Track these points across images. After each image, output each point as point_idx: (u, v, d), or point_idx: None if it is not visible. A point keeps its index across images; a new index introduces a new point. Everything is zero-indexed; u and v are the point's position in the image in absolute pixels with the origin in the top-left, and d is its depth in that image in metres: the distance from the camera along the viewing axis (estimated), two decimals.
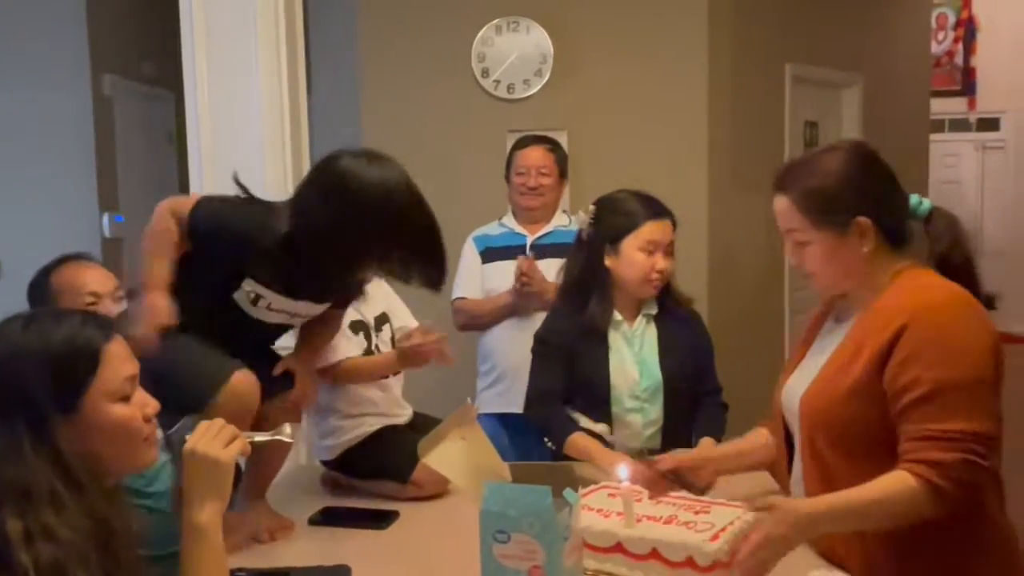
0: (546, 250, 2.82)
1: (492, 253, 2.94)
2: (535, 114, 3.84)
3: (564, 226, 2.93)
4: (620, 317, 2.21)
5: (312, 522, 1.84)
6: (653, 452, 2.04)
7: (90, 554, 1.11)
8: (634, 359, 2.19)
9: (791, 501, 1.52)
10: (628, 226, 2.15)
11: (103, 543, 1.14)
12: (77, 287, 2.03)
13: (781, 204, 1.58)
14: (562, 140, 3.35)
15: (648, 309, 2.23)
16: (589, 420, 2.12)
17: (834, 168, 1.55)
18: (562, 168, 3.00)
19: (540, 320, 2.37)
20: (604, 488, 1.66)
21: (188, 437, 1.28)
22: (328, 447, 2.04)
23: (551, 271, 2.67)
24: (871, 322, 1.51)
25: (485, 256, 2.95)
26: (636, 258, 2.14)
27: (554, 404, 2.17)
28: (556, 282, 2.41)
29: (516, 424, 2.60)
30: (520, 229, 2.97)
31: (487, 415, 2.83)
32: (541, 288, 2.72)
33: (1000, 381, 1.45)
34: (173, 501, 1.59)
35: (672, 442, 2.14)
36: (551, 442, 2.17)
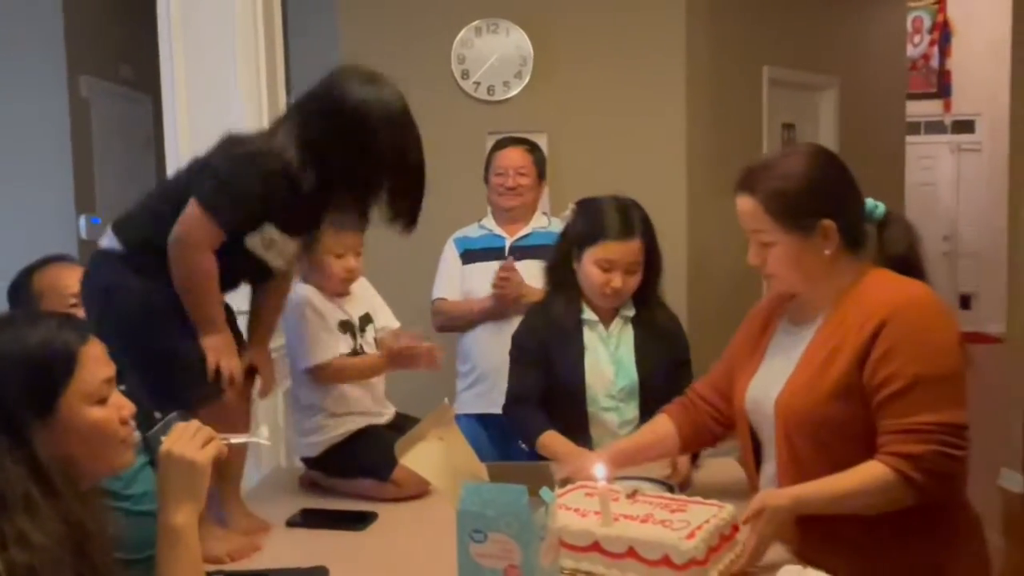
0: (525, 252, 2.84)
1: (472, 255, 2.95)
2: (515, 116, 3.85)
3: (543, 227, 2.94)
4: (595, 318, 2.23)
5: (290, 524, 1.84)
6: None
7: (64, 559, 1.11)
8: (610, 359, 2.21)
9: (775, 492, 1.55)
10: (590, 239, 2.16)
11: (78, 548, 1.14)
12: (60, 289, 2.02)
13: (747, 205, 1.60)
14: (542, 142, 3.36)
15: (626, 310, 2.25)
16: None
17: (799, 171, 1.57)
18: (540, 169, 3.01)
19: (519, 322, 2.38)
20: (581, 487, 1.67)
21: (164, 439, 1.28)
22: (311, 444, 2.04)
23: (529, 273, 2.69)
24: (846, 321, 1.54)
25: (465, 258, 2.96)
26: (591, 271, 2.17)
27: (528, 406, 2.19)
28: (535, 285, 2.42)
29: (496, 425, 2.61)
30: (499, 231, 2.98)
31: (467, 416, 2.84)
32: (518, 292, 2.73)
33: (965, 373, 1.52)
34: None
35: None
36: (524, 443, 2.19)
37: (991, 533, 1.60)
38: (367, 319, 2.13)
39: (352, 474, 2.00)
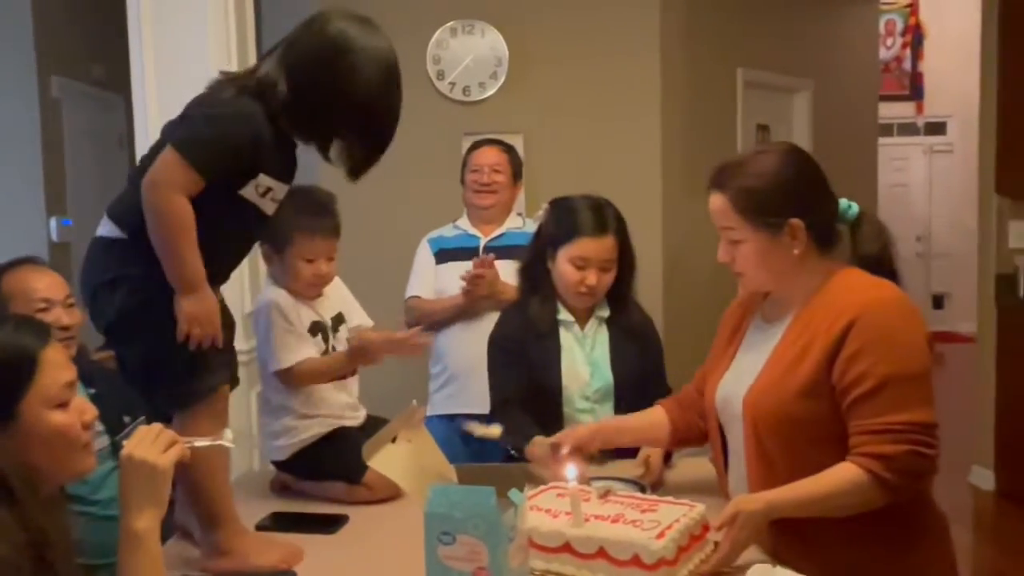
0: (500, 252, 2.83)
1: (446, 254, 2.95)
2: (490, 117, 3.85)
3: (518, 228, 2.94)
4: (571, 318, 2.22)
5: (260, 527, 1.83)
6: (605, 453, 2.05)
7: (24, 567, 1.09)
8: (585, 360, 2.21)
9: (749, 497, 1.55)
10: (564, 237, 2.16)
11: (38, 555, 1.12)
12: (28, 293, 2.00)
13: (718, 202, 1.61)
14: (518, 143, 3.36)
15: (600, 311, 2.25)
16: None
17: (770, 170, 1.58)
18: (516, 169, 3.01)
19: (492, 321, 2.37)
20: (553, 488, 1.67)
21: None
22: (280, 447, 2.03)
23: (504, 273, 2.69)
24: (815, 320, 1.55)
25: (439, 257, 2.95)
26: (566, 270, 2.17)
27: (513, 411, 2.18)
28: (510, 283, 2.41)
29: None
30: (474, 231, 2.97)
31: (439, 417, 2.83)
32: (492, 290, 2.72)
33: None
34: None
35: None
36: (514, 450, 2.17)
37: (961, 531, 1.62)
38: (339, 319, 2.12)
39: (323, 477, 1.98)
